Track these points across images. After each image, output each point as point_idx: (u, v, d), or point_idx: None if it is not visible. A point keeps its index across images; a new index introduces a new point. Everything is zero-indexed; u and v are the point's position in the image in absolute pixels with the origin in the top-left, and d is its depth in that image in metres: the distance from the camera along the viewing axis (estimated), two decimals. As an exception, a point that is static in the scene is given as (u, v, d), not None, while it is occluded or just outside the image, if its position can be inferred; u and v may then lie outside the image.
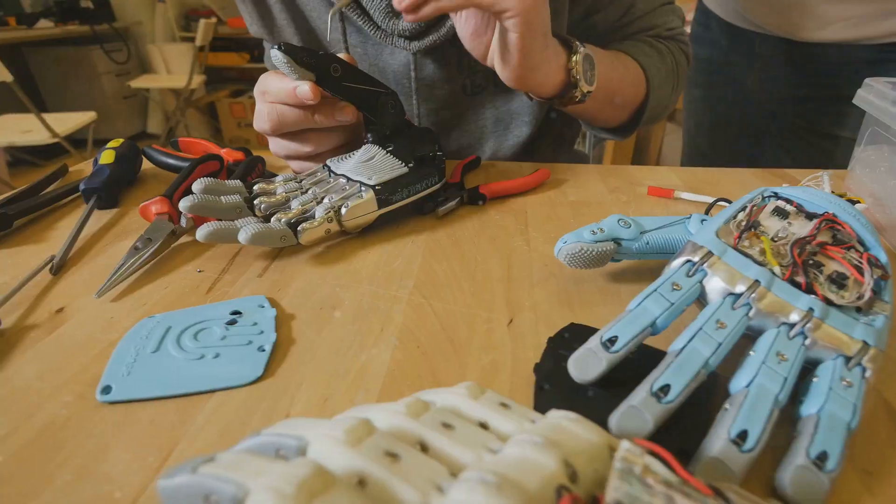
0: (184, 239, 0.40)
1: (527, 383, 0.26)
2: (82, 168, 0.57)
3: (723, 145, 0.78)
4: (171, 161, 0.51)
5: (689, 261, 0.26)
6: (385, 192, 0.39)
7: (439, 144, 0.45)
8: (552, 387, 0.25)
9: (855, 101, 0.45)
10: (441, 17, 0.53)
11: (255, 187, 0.41)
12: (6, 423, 0.24)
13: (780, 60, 0.63)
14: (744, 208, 0.29)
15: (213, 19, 2.86)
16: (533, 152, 0.67)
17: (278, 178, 0.42)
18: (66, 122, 2.05)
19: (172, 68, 3.04)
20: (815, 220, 0.28)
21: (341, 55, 0.41)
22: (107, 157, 0.49)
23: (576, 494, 0.13)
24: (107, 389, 0.25)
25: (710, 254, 0.26)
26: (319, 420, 0.19)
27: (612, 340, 0.23)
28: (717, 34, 0.72)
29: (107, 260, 0.38)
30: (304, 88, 0.38)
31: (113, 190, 0.46)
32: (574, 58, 0.45)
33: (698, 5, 0.76)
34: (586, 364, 0.23)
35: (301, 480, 0.12)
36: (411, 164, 0.42)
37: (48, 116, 2.01)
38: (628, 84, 0.54)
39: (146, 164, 0.54)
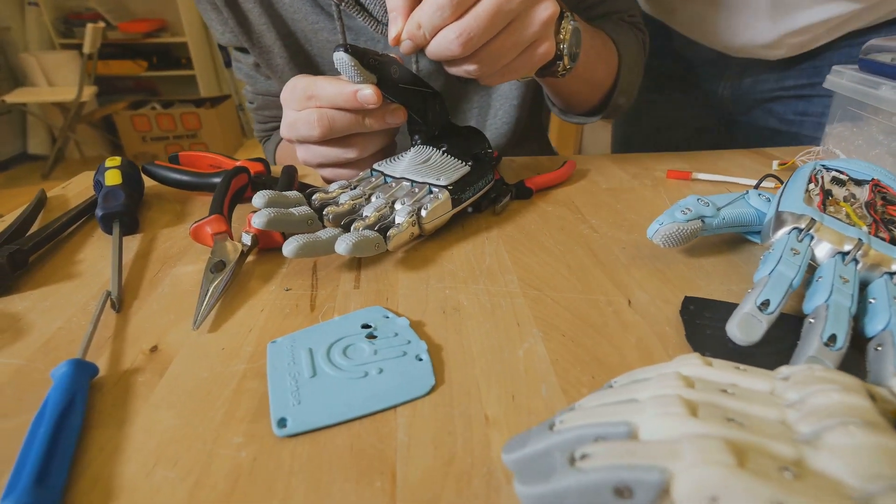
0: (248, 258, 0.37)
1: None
2: (61, 194, 0.50)
3: (665, 146, 0.81)
4: (183, 178, 0.47)
5: (795, 228, 0.30)
6: (457, 191, 0.39)
7: (488, 142, 0.45)
8: (713, 353, 0.27)
9: (826, 84, 0.52)
10: None
11: (315, 197, 0.39)
12: (181, 475, 0.21)
13: (758, 70, 0.69)
14: (811, 180, 0.34)
15: (101, 24, 2.58)
16: (519, 145, 0.69)
17: (333, 187, 0.40)
18: (-68, 146, 1.74)
19: (55, 79, 2.69)
20: (867, 186, 0.33)
21: (392, 55, 0.40)
22: (112, 177, 0.43)
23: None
24: (283, 422, 0.23)
25: (813, 221, 0.30)
26: (592, 408, 0.19)
27: (766, 304, 0.26)
28: (679, 45, 0.73)
29: (169, 289, 0.34)
30: (368, 92, 0.37)
31: (134, 212, 0.41)
32: (563, 25, 0.41)
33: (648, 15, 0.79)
34: (750, 327, 0.26)
35: (726, 447, 0.13)
36: (470, 163, 0.42)
37: None
38: (604, 62, 0.52)
39: (148, 183, 0.49)
